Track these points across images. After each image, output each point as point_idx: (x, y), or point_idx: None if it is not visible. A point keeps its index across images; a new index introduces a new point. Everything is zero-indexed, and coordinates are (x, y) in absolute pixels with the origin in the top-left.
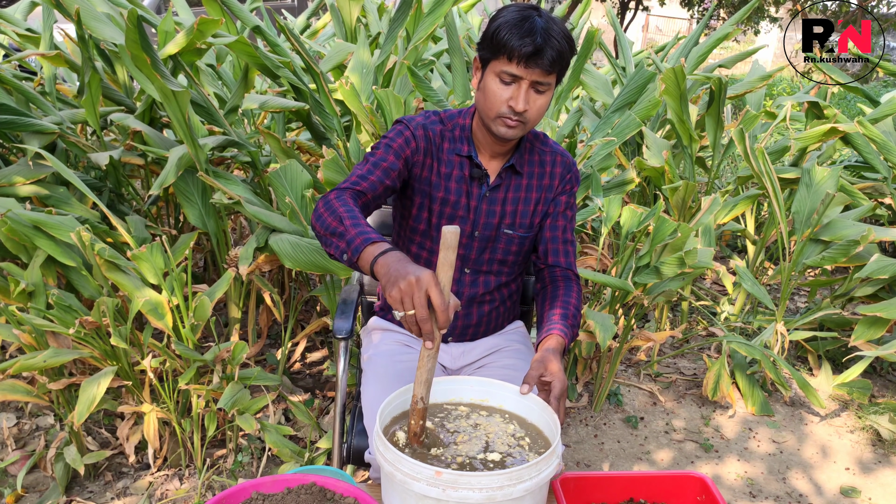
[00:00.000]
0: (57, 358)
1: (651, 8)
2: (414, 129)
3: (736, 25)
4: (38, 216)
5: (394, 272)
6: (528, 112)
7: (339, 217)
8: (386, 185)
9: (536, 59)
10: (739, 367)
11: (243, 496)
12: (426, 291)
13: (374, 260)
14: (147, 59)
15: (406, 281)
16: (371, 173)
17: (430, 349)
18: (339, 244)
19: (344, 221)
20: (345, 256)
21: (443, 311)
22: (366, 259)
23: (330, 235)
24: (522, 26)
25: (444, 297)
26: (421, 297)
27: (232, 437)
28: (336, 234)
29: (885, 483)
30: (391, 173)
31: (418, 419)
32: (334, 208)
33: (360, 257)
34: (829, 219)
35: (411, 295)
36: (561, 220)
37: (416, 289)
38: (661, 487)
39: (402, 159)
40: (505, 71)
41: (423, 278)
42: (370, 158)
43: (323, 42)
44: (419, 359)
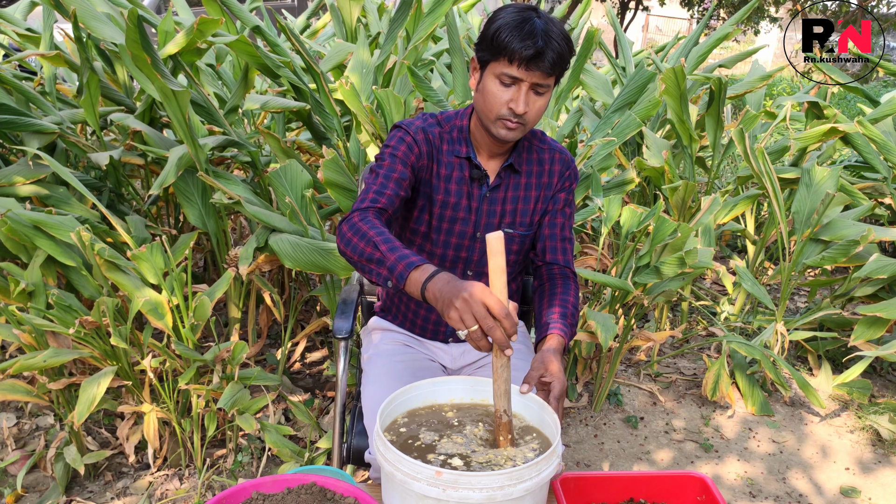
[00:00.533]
0: (57, 358)
1: (651, 8)
2: (414, 133)
3: (736, 25)
4: (38, 216)
5: (446, 294)
6: (528, 114)
7: (372, 242)
8: (401, 196)
9: (537, 62)
10: (739, 367)
11: (243, 496)
12: (482, 302)
13: (423, 286)
14: (147, 59)
15: (460, 299)
16: (385, 187)
17: (505, 357)
18: (379, 271)
19: (380, 247)
20: (389, 283)
21: (505, 317)
22: (413, 286)
23: (367, 262)
24: (523, 28)
25: (502, 304)
26: (480, 309)
27: (232, 437)
28: (374, 260)
29: (885, 483)
30: (403, 184)
31: (506, 434)
32: (363, 232)
33: (407, 283)
34: (829, 219)
35: (470, 311)
36: (559, 217)
37: (472, 303)
38: (661, 487)
39: (409, 167)
40: (505, 73)
41: (476, 291)
42: (379, 171)
43: (323, 42)
44: (493, 370)
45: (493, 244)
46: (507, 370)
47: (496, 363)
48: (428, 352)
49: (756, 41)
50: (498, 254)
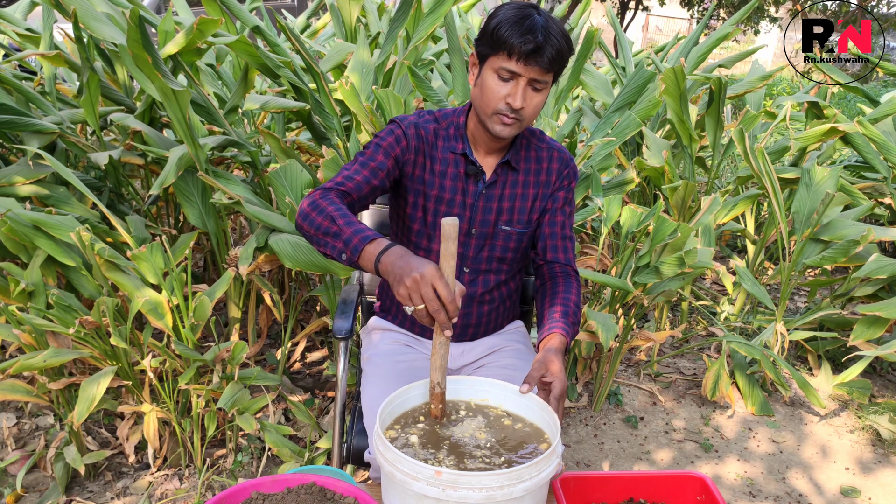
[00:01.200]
0: (57, 358)
1: (651, 8)
2: (406, 127)
3: (736, 25)
4: (38, 216)
5: (398, 269)
6: (525, 110)
7: (329, 216)
8: (373, 185)
9: (536, 57)
10: (739, 367)
11: (243, 496)
12: (432, 284)
13: (377, 259)
14: (148, 59)
15: (411, 278)
16: (358, 173)
17: (444, 336)
18: (335, 244)
19: (336, 221)
20: (343, 256)
21: (450, 302)
22: (367, 258)
23: (322, 235)
24: (523, 24)
25: (449, 288)
26: (428, 291)
27: (232, 436)
28: (330, 233)
29: (885, 483)
30: (379, 173)
31: (437, 403)
32: (322, 207)
33: (361, 256)
34: (829, 219)
35: (418, 290)
36: (559, 215)
37: (422, 283)
38: (661, 487)
39: (391, 158)
40: (504, 67)
41: (427, 272)
42: (359, 158)
43: (323, 42)
44: (433, 346)
45: (447, 229)
46: (445, 347)
47: (436, 340)
48: (428, 352)
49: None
50: (450, 239)
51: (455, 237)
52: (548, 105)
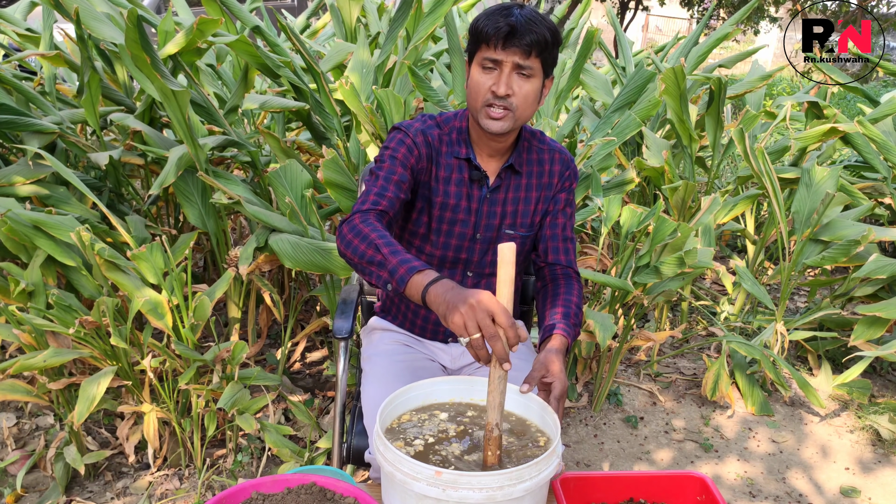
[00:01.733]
0: (57, 358)
1: (651, 8)
2: (414, 135)
3: (736, 25)
4: (37, 216)
5: (450, 299)
6: (513, 97)
7: (373, 245)
8: (401, 199)
9: (512, 40)
10: (739, 366)
11: (243, 496)
12: (488, 311)
13: (424, 290)
14: (147, 59)
15: (467, 305)
16: (386, 189)
17: (502, 371)
18: (380, 274)
19: (381, 249)
20: (389, 287)
21: (510, 327)
22: (414, 289)
23: (367, 264)
24: (500, 13)
25: (509, 314)
26: (485, 318)
27: (232, 436)
28: (374, 262)
29: (885, 483)
30: (403, 186)
31: (495, 449)
32: (365, 234)
33: (408, 287)
34: (829, 219)
35: (475, 318)
36: (560, 217)
37: (479, 310)
38: (661, 487)
39: (409, 169)
40: (486, 57)
41: (484, 299)
42: (380, 174)
43: (323, 42)
44: (489, 382)
45: (505, 254)
46: (503, 383)
47: (493, 375)
48: (428, 352)
49: (756, 41)
50: (508, 263)
51: (513, 261)
52: (548, 105)
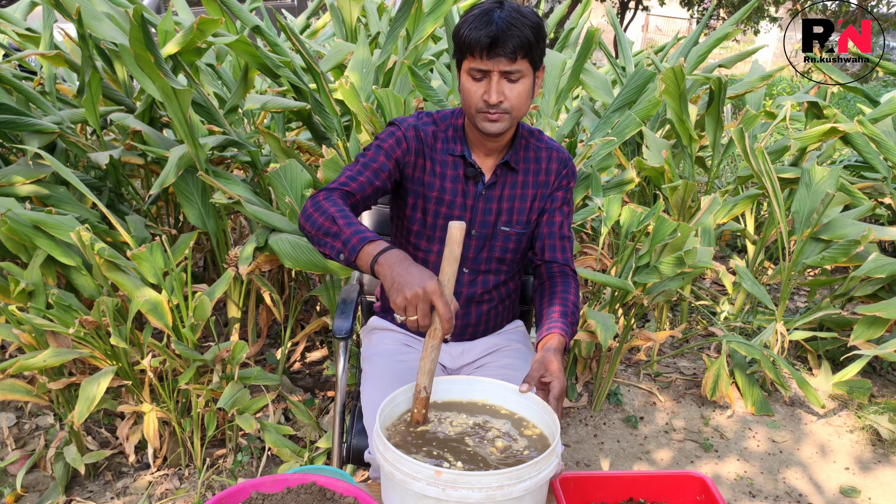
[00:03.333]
0: (57, 358)
1: (651, 8)
2: (405, 129)
3: (736, 25)
4: (37, 216)
5: (397, 277)
6: (506, 102)
7: (331, 217)
8: (375, 185)
9: (497, 49)
10: (739, 366)
11: (243, 496)
12: (431, 301)
13: (374, 259)
14: (150, 58)
15: (412, 292)
16: (360, 174)
17: (437, 340)
18: (333, 244)
19: (337, 221)
20: (341, 256)
21: (448, 321)
22: (364, 258)
23: (323, 235)
24: (480, 20)
25: (448, 307)
26: (425, 307)
27: (232, 436)
28: (330, 234)
29: (885, 483)
30: (381, 174)
31: (421, 407)
32: (324, 208)
33: (359, 256)
34: (829, 218)
35: (416, 303)
36: (558, 215)
37: (422, 299)
38: (660, 487)
39: (392, 160)
40: (472, 67)
41: (428, 289)
42: (360, 159)
43: (323, 42)
44: (423, 349)
45: (454, 233)
46: (436, 351)
47: (428, 342)
48: None
49: (756, 41)
50: (456, 243)
51: (461, 241)
52: (548, 105)
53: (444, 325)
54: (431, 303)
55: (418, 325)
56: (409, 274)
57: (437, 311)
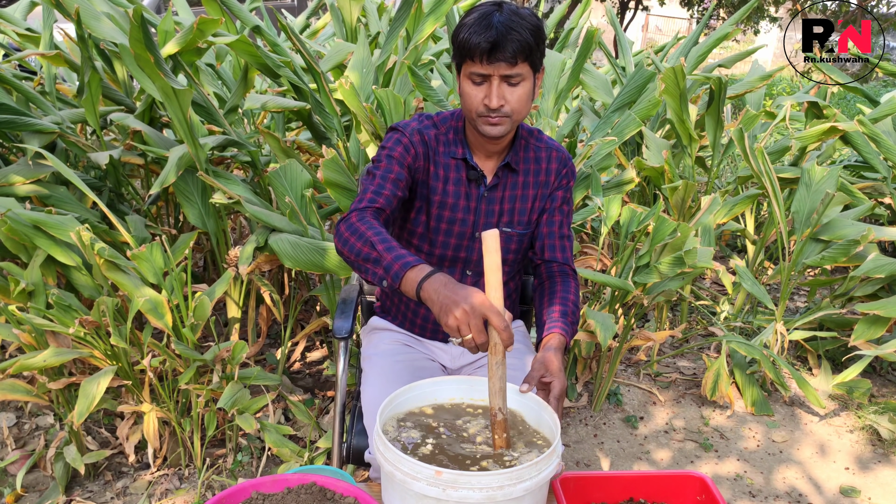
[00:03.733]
0: (57, 358)
1: (651, 8)
2: (410, 135)
3: (735, 25)
4: (37, 216)
5: (444, 299)
6: (507, 106)
7: (369, 242)
8: (399, 197)
9: (496, 54)
10: (739, 366)
11: (243, 496)
12: (483, 315)
13: (418, 286)
14: (150, 58)
15: (461, 309)
16: (383, 188)
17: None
18: (375, 271)
19: (376, 246)
20: (384, 283)
21: (504, 330)
22: (409, 285)
23: (363, 262)
24: (480, 24)
25: (502, 318)
26: (478, 323)
27: (232, 436)
28: (370, 259)
29: (885, 483)
30: (400, 184)
31: (501, 433)
32: (361, 232)
33: (402, 283)
34: (829, 218)
35: (468, 322)
36: (557, 215)
37: (472, 316)
38: (660, 487)
39: (405, 168)
40: (472, 72)
41: (477, 304)
42: (376, 172)
43: (323, 42)
44: (489, 368)
45: (489, 242)
46: (501, 368)
47: (491, 360)
48: (427, 351)
49: (756, 41)
50: (493, 251)
51: (498, 248)
52: (548, 105)
53: (501, 336)
54: (484, 317)
55: (475, 343)
56: (455, 294)
57: (492, 323)
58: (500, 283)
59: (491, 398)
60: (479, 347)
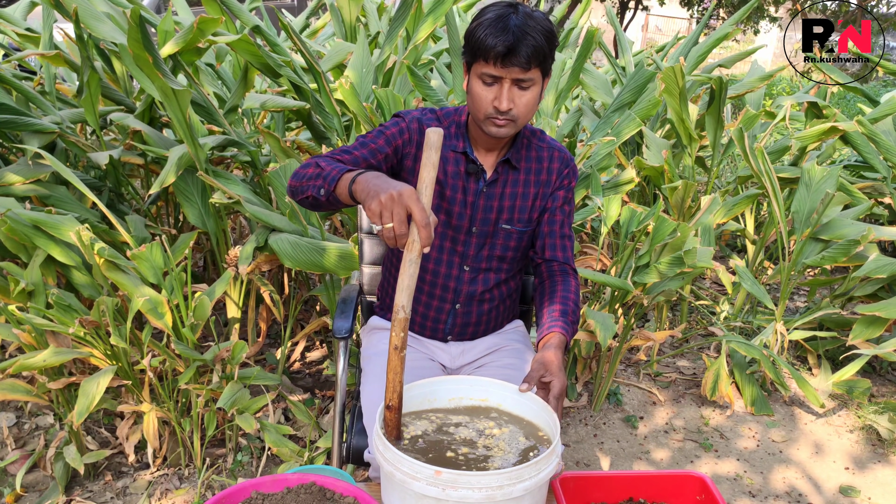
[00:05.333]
0: (57, 357)
1: (651, 8)
2: (409, 121)
3: (735, 25)
4: (37, 216)
5: (373, 186)
6: (515, 110)
7: (315, 164)
8: (370, 163)
9: (511, 58)
10: (739, 366)
11: (243, 496)
12: (406, 206)
13: (352, 181)
14: (149, 59)
15: (387, 194)
16: (356, 149)
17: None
18: (314, 183)
19: (321, 164)
20: (322, 191)
21: (424, 226)
22: (343, 185)
23: (306, 181)
24: (497, 26)
25: (424, 212)
26: (401, 212)
27: (231, 436)
28: (313, 177)
29: (885, 482)
30: (377, 154)
31: (399, 331)
32: (310, 163)
33: (338, 185)
34: (829, 218)
35: (391, 209)
36: (558, 214)
37: (397, 203)
38: (660, 487)
39: (392, 146)
40: (485, 73)
41: (405, 192)
42: (359, 139)
43: (323, 42)
44: (402, 264)
45: (432, 137)
46: (414, 266)
47: (406, 256)
48: (427, 351)
49: (756, 41)
50: (434, 148)
51: (439, 147)
52: (548, 105)
53: (421, 232)
54: (408, 210)
55: (395, 233)
56: (385, 183)
57: (414, 217)
58: (432, 181)
59: (397, 294)
60: (397, 239)
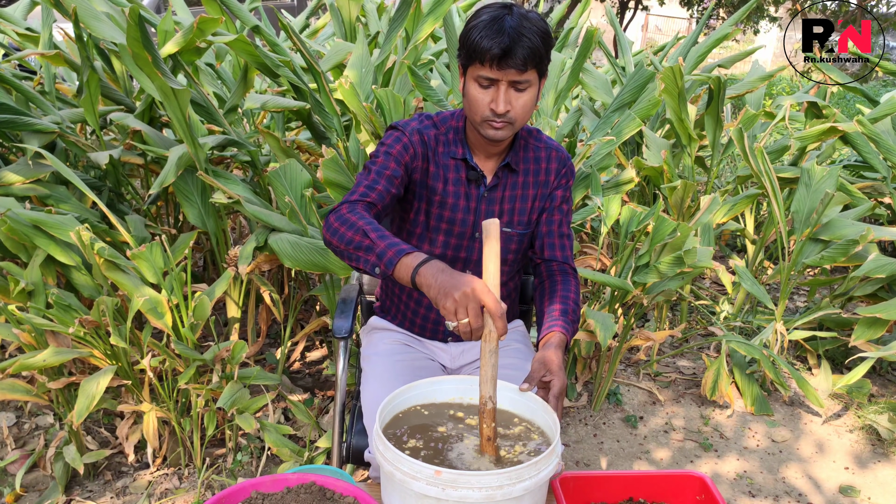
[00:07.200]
0: (57, 357)
1: (650, 7)
2: (410, 134)
3: (735, 25)
4: (37, 215)
5: (443, 283)
6: (512, 112)
7: (361, 230)
8: (392, 193)
9: (507, 60)
10: (738, 366)
11: (243, 495)
12: (480, 300)
13: (414, 271)
14: (148, 58)
15: (461, 292)
16: (377, 183)
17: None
18: (367, 258)
19: (369, 234)
20: (377, 270)
21: (500, 317)
22: (403, 271)
23: (354, 250)
24: (492, 28)
25: (499, 304)
26: (476, 307)
27: (231, 436)
28: (362, 248)
29: (884, 482)
30: (395, 181)
31: (490, 421)
32: (352, 222)
33: (396, 269)
34: (829, 218)
35: (465, 306)
36: (557, 214)
37: (471, 299)
38: (660, 487)
39: (402, 166)
40: (481, 75)
41: (477, 287)
42: (372, 168)
43: (322, 42)
44: (481, 356)
45: (490, 229)
46: (494, 356)
47: (485, 348)
48: (427, 351)
49: (755, 41)
50: (493, 239)
51: (498, 237)
52: (547, 105)
53: (497, 323)
54: (481, 303)
55: (471, 328)
56: (453, 278)
57: (488, 309)
58: (497, 271)
59: (482, 386)
60: (473, 333)
